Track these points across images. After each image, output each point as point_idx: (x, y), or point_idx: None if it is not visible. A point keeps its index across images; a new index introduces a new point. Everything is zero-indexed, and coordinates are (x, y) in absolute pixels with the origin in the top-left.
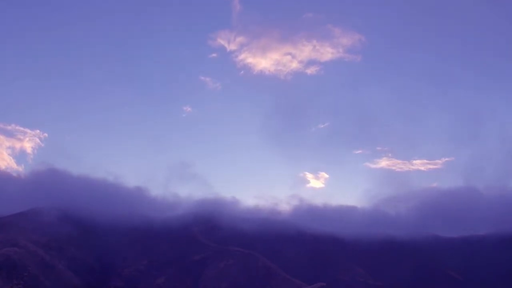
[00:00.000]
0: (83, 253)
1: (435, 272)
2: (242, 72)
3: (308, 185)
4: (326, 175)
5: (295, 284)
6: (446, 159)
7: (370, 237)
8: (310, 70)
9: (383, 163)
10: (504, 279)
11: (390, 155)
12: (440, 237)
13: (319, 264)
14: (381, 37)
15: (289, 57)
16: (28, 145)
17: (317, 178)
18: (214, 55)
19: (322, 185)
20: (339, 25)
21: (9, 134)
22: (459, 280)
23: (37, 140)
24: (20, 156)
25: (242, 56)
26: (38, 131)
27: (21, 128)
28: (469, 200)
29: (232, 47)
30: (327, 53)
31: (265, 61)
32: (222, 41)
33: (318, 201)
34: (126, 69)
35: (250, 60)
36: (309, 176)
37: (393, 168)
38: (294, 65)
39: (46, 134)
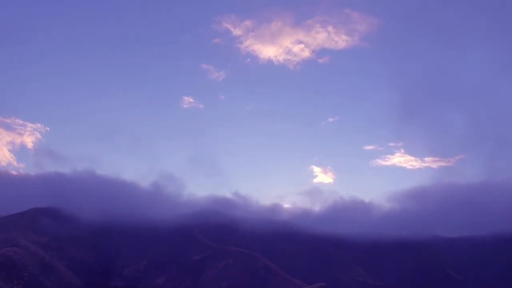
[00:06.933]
0: (83, 253)
1: (435, 272)
2: (248, 60)
3: (315, 180)
4: (333, 171)
5: (295, 284)
6: (459, 156)
7: (370, 236)
8: (323, 60)
9: (395, 159)
10: (504, 279)
11: (403, 151)
12: (440, 237)
13: (319, 264)
14: (400, 23)
15: (301, 45)
16: (28, 140)
17: (324, 172)
18: (217, 40)
19: (330, 180)
20: (357, 9)
21: (9, 128)
22: (459, 280)
23: (38, 134)
24: (20, 151)
25: (248, 42)
26: (39, 124)
27: (21, 122)
28: (473, 199)
29: (237, 32)
30: (342, 41)
31: (274, 48)
32: (227, 25)
33: (323, 198)
34: (123, 57)
35: (257, 46)
36: (316, 170)
37: (405, 165)
38: (306, 54)
39: (48, 128)
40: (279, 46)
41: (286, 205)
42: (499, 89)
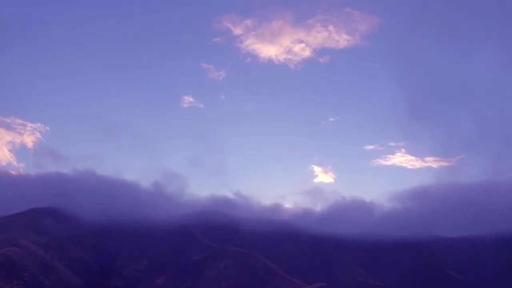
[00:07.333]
0: (83, 253)
1: (435, 272)
2: (248, 59)
3: (316, 180)
4: (334, 171)
5: (295, 284)
6: (459, 156)
7: (370, 236)
8: (323, 59)
9: (396, 159)
10: (504, 279)
11: (403, 151)
12: (440, 237)
13: (319, 264)
14: (401, 22)
15: (302, 45)
16: (28, 140)
17: (325, 172)
18: (217, 39)
19: (331, 180)
20: (358, 8)
21: (9, 128)
22: (459, 280)
23: (38, 134)
24: (20, 151)
25: (248, 42)
26: (39, 124)
27: (21, 121)
28: (473, 199)
29: (237, 31)
30: (343, 40)
31: (275, 48)
32: (227, 24)
33: (324, 198)
34: (124, 57)
35: (257, 46)
36: (317, 170)
37: (405, 165)
38: (306, 53)
39: (48, 128)
40: (279, 46)
41: (287, 205)
42: (500, 89)
